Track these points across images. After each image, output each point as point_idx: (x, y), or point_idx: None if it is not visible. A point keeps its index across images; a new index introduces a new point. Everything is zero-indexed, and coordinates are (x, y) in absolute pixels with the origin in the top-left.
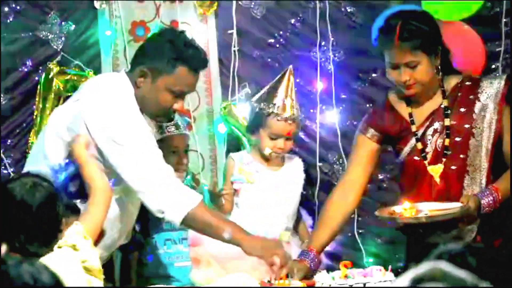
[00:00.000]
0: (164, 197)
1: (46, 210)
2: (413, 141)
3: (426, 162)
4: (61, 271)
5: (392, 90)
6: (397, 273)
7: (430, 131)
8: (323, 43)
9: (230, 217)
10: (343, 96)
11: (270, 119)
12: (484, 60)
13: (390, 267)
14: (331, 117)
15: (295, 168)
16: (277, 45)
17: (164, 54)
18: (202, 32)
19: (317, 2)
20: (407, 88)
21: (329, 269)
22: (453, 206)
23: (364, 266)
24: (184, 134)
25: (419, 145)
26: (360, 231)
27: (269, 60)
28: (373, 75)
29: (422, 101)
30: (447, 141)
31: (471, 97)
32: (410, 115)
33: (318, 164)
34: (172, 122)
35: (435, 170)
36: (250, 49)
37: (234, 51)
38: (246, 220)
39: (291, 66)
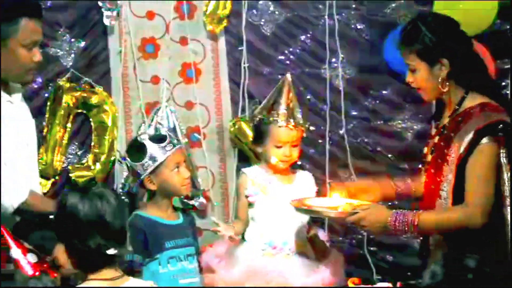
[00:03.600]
0: None
1: (108, 225)
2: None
3: (422, 170)
4: None
5: None
6: None
7: (431, 143)
8: (332, 60)
9: (247, 232)
10: (353, 113)
11: (272, 127)
12: (494, 77)
13: (398, 283)
14: (341, 134)
15: (306, 181)
16: (287, 62)
17: (2, 17)
18: (212, 49)
19: (327, 18)
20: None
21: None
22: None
23: (374, 283)
24: (181, 148)
25: (424, 152)
26: (371, 248)
27: (279, 76)
28: (383, 91)
29: (447, 111)
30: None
31: (462, 124)
32: (436, 121)
33: (328, 181)
34: (167, 140)
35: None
36: (259, 66)
37: (244, 67)
38: (264, 232)
39: (288, 74)
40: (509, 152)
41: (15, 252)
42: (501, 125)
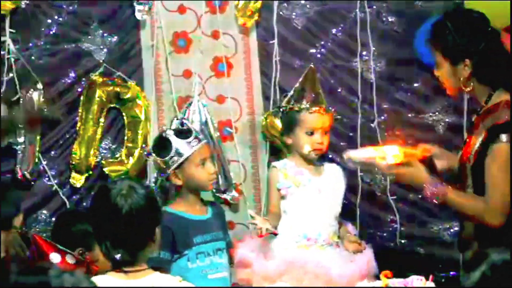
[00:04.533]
0: None
1: (136, 218)
2: None
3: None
4: None
5: None
6: (438, 283)
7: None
8: (364, 53)
9: (280, 225)
10: (385, 106)
11: (302, 114)
12: None
13: (431, 276)
14: (372, 127)
15: (335, 173)
16: (318, 55)
17: None
18: (244, 43)
19: (358, 11)
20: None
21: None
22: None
23: (406, 276)
24: (206, 144)
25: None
26: (403, 241)
27: None
28: (415, 84)
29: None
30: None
31: (481, 122)
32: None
33: (360, 173)
34: (192, 135)
35: None
36: (291, 59)
37: (275, 61)
38: (297, 225)
39: (311, 65)
40: None
41: (55, 256)
42: None
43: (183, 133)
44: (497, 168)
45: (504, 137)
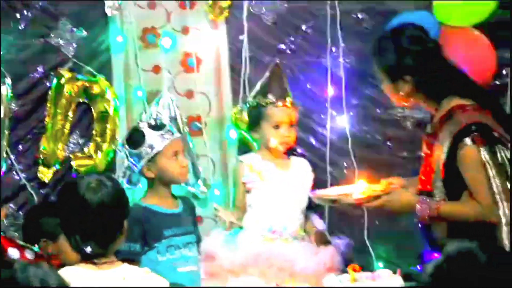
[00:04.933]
0: None
1: (106, 211)
2: None
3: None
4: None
5: None
6: (405, 277)
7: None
8: (333, 49)
9: (245, 219)
10: (354, 102)
11: (269, 109)
12: (495, 67)
13: (398, 270)
14: (341, 123)
15: (303, 167)
16: (288, 51)
17: None
18: (213, 38)
19: (328, 8)
20: None
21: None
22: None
23: (374, 270)
24: (179, 137)
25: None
26: (370, 235)
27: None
28: None
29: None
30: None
31: (439, 130)
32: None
33: (329, 169)
34: (165, 128)
35: None
36: (261, 55)
37: (245, 57)
38: (262, 218)
39: (277, 61)
40: (490, 147)
41: (13, 252)
42: (473, 127)
43: (157, 126)
44: (474, 170)
45: (468, 140)
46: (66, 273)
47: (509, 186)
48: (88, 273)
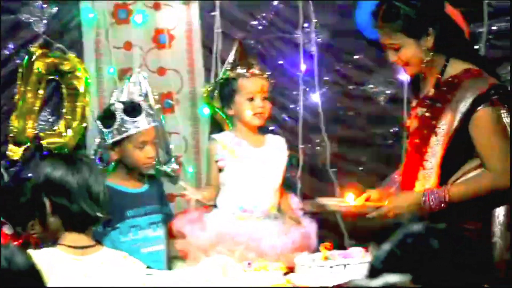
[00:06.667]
0: None
1: None
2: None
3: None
4: None
5: None
6: None
7: (413, 114)
8: (306, 25)
9: (218, 198)
10: (326, 78)
11: (240, 81)
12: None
13: (371, 248)
14: (314, 99)
15: (277, 145)
16: (260, 27)
17: None
18: (185, 14)
19: None
20: (403, 68)
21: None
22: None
23: (345, 248)
24: (153, 127)
25: (407, 123)
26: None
27: (252, 42)
28: (357, 56)
29: (429, 81)
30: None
31: (450, 94)
32: (416, 94)
33: (301, 146)
34: (141, 116)
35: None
36: (233, 31)
37: (217, 33)
38: (234, 197)
39: (239, 39)
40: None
41: None
42: (492, 90)
43: (133, 111)
44: (491, 133)
45: (487, 103)
46: (44, 255)
47: None
48: (67, 257)
